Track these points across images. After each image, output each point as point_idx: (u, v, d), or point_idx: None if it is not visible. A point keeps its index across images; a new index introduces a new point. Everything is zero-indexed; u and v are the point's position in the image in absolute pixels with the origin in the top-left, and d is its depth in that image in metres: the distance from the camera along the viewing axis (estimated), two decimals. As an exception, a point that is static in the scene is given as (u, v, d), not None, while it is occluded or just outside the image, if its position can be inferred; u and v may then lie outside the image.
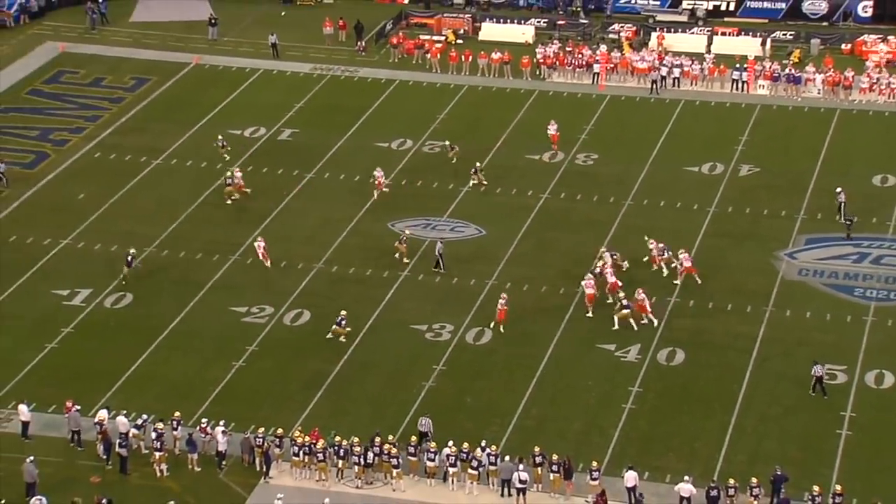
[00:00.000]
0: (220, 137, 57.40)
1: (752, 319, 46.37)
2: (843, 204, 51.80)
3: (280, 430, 40.05)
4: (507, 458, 39.05)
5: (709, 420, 41.63)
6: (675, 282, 48.13)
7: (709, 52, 65.96)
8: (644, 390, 43.01)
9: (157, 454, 39.45)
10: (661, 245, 48.99)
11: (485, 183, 54.51)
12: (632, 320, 45.60)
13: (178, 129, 59.94)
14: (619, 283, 46.95)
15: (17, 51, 67.37)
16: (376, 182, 54.15)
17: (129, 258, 48.70)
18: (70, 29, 70.15)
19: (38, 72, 65.24)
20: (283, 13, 72.73)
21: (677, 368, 44.24)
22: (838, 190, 52.29)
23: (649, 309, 45.83)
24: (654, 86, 63.15)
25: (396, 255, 49.49)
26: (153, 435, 39.62)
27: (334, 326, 45.24)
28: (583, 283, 46.98)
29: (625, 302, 45.75)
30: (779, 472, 38.27)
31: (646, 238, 49.42)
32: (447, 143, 57.14)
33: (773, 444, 40.60)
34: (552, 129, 57.75)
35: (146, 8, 73.32)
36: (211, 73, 65.83)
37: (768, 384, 43.21)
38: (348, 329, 45.24)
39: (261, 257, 49.42)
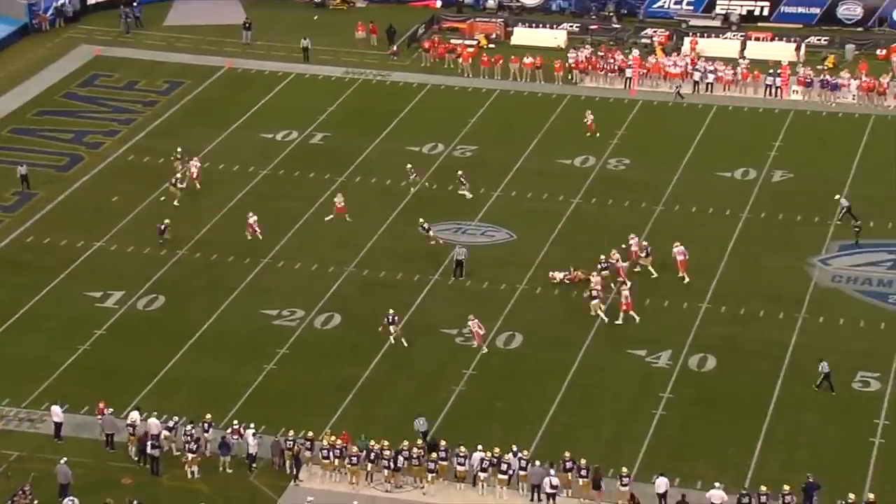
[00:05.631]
0: (409, 166, 54.98)
1: (785, 326, 46.12)
2: (844, 209, 51.70)
3: (310, 433, 40.13)
4: (537, 463, 38.99)
5: (740, 427, 41.43)
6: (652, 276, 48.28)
7: (742, 57, 65.67)
8: (675, 396, 42.83)
9: (190, 456, 39.62)
10: (644, 243, 48.96)
11: (468, 194, 53.86)
12: (600, 311, 45.78)
13: (210, 132, 60.14)
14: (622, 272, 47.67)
15: (52, 54, 67.85)
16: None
17: (163, 227, 50.66)
18: (104, 33, 70.56)
19: (72, 75, 65.64)
20: (315, 17, 72.94)
21: (709, 375, 44.04)
22: (837, 196, 52.29)
23: (629, 304, 45.97)
24: (697, 87, 62.95)
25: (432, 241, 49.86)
26: (186, 437, 39.79)
27: (390, 326, 45.18)
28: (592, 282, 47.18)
29: (593, 293, 46.10)
30: (811, 480, 38.03)
31: (630, 236, 49.44)
32: (409, 166, 55.23)
33: (805, 451, 40.35)
34: (589, 119, 58.48)
35: (180, 12, 73.69)
36: (243, 76, 66.06)
37: (801, 391, 42.95)
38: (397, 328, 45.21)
39: (249, 231, 50.98)
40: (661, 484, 38.16)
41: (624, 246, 49.07)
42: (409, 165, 55.06)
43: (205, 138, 59.67)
